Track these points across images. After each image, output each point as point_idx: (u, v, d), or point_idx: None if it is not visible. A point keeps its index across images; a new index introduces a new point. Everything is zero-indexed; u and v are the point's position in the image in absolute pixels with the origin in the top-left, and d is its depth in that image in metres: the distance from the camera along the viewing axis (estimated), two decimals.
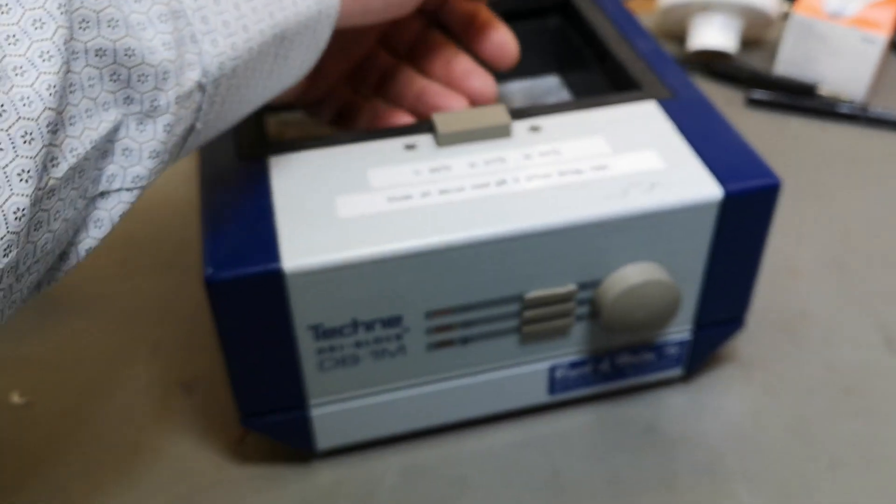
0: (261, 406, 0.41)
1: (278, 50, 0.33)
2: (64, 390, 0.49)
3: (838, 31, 0.68)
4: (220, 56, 0.30)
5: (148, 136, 0.29)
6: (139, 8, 0.27)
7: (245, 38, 0.31)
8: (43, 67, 0.25)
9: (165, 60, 0.28)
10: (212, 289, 0.36)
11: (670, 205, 0.39)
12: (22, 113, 0.24)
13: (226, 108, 0.32)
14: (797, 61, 0.71)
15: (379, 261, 0.37)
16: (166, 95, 0.28)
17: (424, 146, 0.42)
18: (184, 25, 0.29)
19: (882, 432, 0.46)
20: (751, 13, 0.72)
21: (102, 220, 0.29)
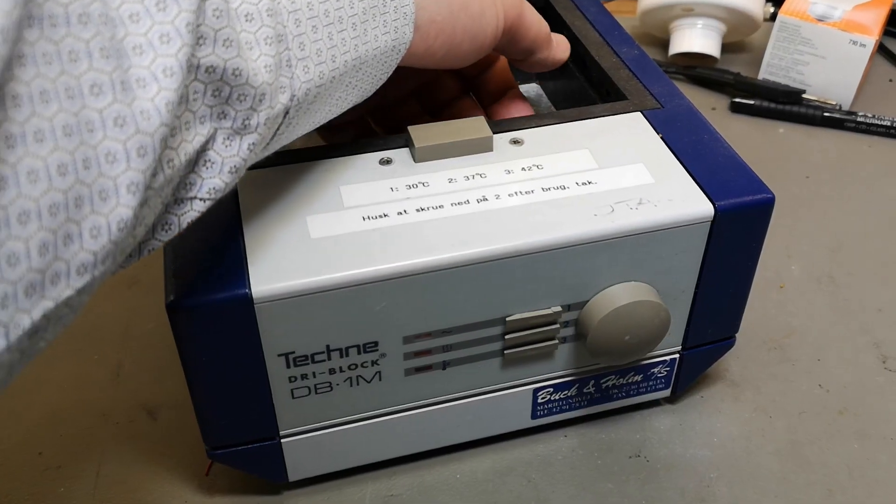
0: (228, 438, 0.39)
1: (351, 79, 0.34)
2: (20, 417, 0.46)
3: (826, 34, 0.66)
4: (309, 83, 0.31)
5: (232, 151, 0.29)
6: (249, 28, 0.28)
7: (332, 68, 0.32)
8: (164, 83, 0.25)
9: (265, 83, 0.28)
10: (175, 316, 0.34)
11: (659, 223, 0.38)
12: (141, 126, 0.25)
13: (291, 129, 0.32)
14: (783, 65, 0.69)
15: (353, 285, 0.35)
16: (258, 116, 0.29)
17: (401, 161, 0.40)
18: (284, 49, 0.29)
19: (879, 456, 0.45)
20: (735, 16, 0.70)
21: (171, 225, 0.29)
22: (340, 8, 0.32)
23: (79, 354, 0.50)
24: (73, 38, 0.23)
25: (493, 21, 0.39)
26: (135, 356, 0.49)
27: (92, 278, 0.24)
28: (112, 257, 0.25)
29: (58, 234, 0.23)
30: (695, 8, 0.70)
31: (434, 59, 0.38)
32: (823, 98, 0.68)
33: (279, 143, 0.32)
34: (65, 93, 0.23)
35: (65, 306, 0.24)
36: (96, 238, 0.24)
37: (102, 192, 0.24)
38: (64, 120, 0.23)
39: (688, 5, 0.70)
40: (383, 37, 0.34)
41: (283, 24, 0.29)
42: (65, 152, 0.23)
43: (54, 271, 0.23)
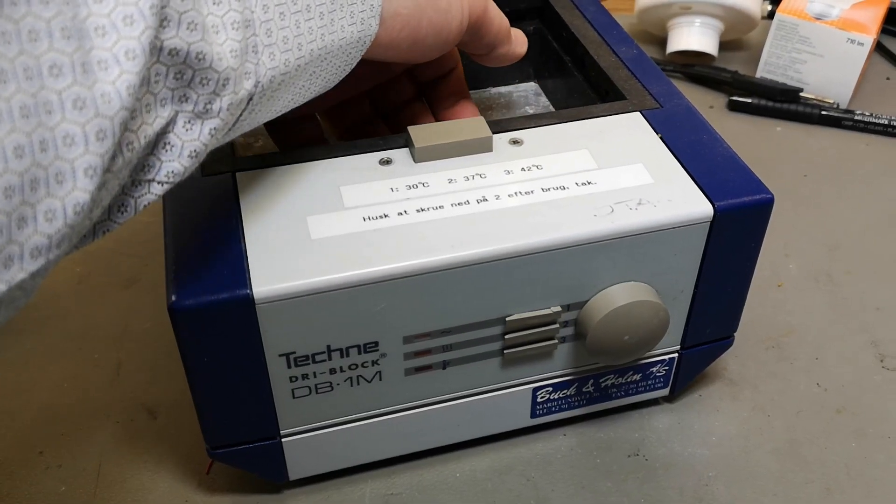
0: (230, 438, 0.39)
1: (316, 68, 0.34)
2: (20, 416, 0.46)
3: (824, 32, 0.66)
4: (274, 70, 0.31)
5: (193, 135, 0.29)
6: (217, 11, 0.28)
7: (297, 56, 0.32)
8: (126, 66, 0.25)
9: (229, 68, 0.28)
10: (176, 317, 0.34)
11: (658, 223, 0.38)
12: (101, 110, 0.24)
13: (253, 116, 0.32)
14: (781, 63, 0.69)
15: (354, 285, 0.35)
16: (220, 101, 0.29)
17: (401, 161, 0.40)
18: (250, 35, 0.29)
19: (876, 455, 0.45)
20: (733, 14, 0.71)
21: (127, 207, 0.29)
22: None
23: (78, 354, 0.50)
24: (34, 17, 0.23)
25: (459, 16, 0.39)
26: (133, 356, 0.49)
27: (46, 261, 0.24)
28: (68, 240, 0.25)
29: (12, 217, 0.22)
30: (693, 6, 0.70)
31: (397, 52, 0.38)
32: (821, 96, 0.69)
33: (241, 130, 0.32)
34: (23, 73, 0.22)
35: (18, 289, 0.23)
36: (51, 221, 0.24)
37: (59, 174, 0.23)
38: (21, 101, 0.22)
39: (686, 3, 0.70)
40: (349, 28, 0.34)
41: (251, 9, 0.29)
42: (21, 134, 0.22)
43: (7, 254, 0.23)
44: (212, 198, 0.38)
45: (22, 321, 0.51)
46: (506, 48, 0.43)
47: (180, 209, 0.37)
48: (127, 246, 0.57)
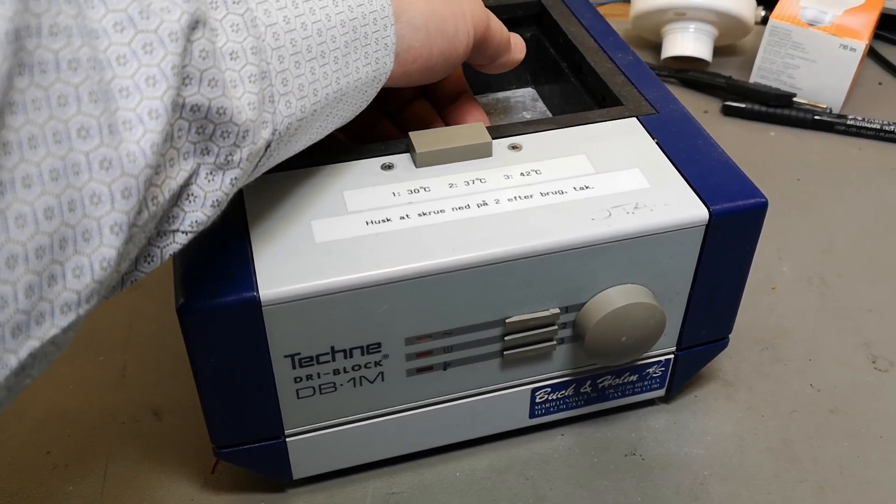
0: (235, 437, 0.40)
1: (332, 109, 0.35)
2: (27, 417, 0.47)
3: (817, 38, 0.67)
4: (291, 117, 0.31)
5: (215, 186, 0.30)
6: (234, 66, 0.29)
7: (313, 101, 0.33)
8: (150, 125, 0.26)
9: (248, 120, 0.29)
10: (185, 319, 0.34)
11: (655, 227, 0.38)
12: (126, 169, 0.25)
13: (272, 160, 0.33)
14: (774, 69, 0.70)
15: (357, 288, 0.36)
16: (241, 152, 0.29)
17: (402, 166, 0.41)
18: (267, 86, 0.30)
19: (868, 454, 0.46)
20: (727, 20, 0.72)
21: (154, 257, 0.30)
22: (323, 43, 0.33)
23: (84, 357, 0.50)
24: (63, 83, 0.23)
25: (465, 39, 0.40)
26: (138, 358, 0.50)
27: (77, 316, 0.25)
28: (97, 294, 0.25)
29: (42, 276, 0.23)
30: (687, 12, 0.71)
31: (409, 81, 0.39)
32: (814, 101, 0.69)
33: (260, 172, 0.33)
34: (52, 137, 0.23)
35: (50, 344, 0.24)
36: (79, 277, 0.24)
37: (86, 232, 0.24)
38: (51, 164, 0.23)
39: (680, 10, 0.71)
40: (364, 68, 0.35)
41: (266, 60, 0.30)
42: (51, 196, 0.23)
43: (39, 311, 0.23)
44: None
45: None
46: (506, 57, 0.44)
47: None
48: None
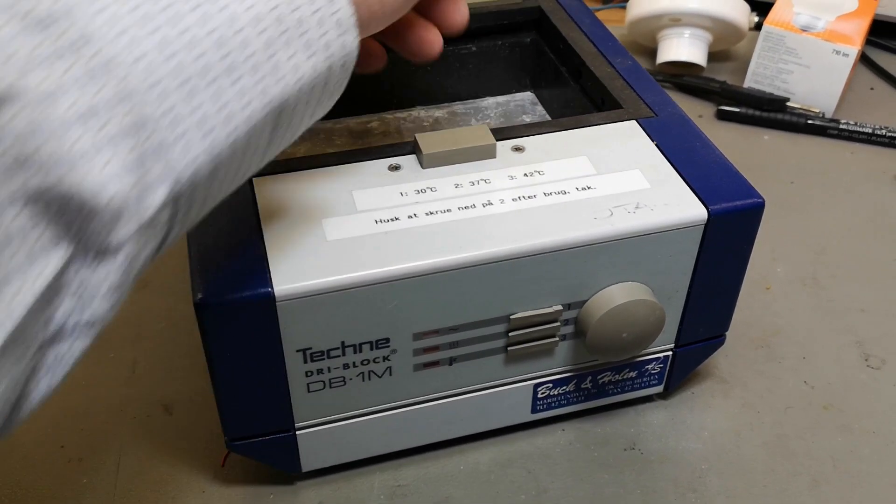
0: (248, 430, 0.41)
1: (277, 122, 0.29)
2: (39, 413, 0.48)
3: (810, 44, 0.69)
4: (196, 161, 0.26)
5: (101, 275, 0.25)
6: (86, 133, 0.23)
7: (228, 131, 0.26)
8: None
9: (118, 195, 0.24)
10: (202, 314, 0.36)
11: (656, 226, 0.40)
12: None
13: (209, 200, 0.28)
14: (768, 74, 0.72)
15: (369, 284, 0.37)
16: (119, 233, 0.24)
17: (409, 167, 0.42)
18: (146, 137, 0.24)
19: (862, 449, 0.47)
20: (721, 25, 0.73)
21: (56, 365, 0.26)
22: (228, 55, 0.26)
23: (94, 353, 0.51)
24: None
25: None
26: (148, 355, 0.51)
27: None
28: None
29: None
30: (682, 18, 0.72)
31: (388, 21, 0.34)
32: (807, 106, 0.71)
33: (204, 211, 0.29)
34: None
35: None
36: None
37: None
38: None
39: (676, 15, 0.72)
40: (308, 62, 0.28)
41: (140, 105, 0.24)
42: None
43: None
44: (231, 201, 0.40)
45: None
46: None
47: None
48: None
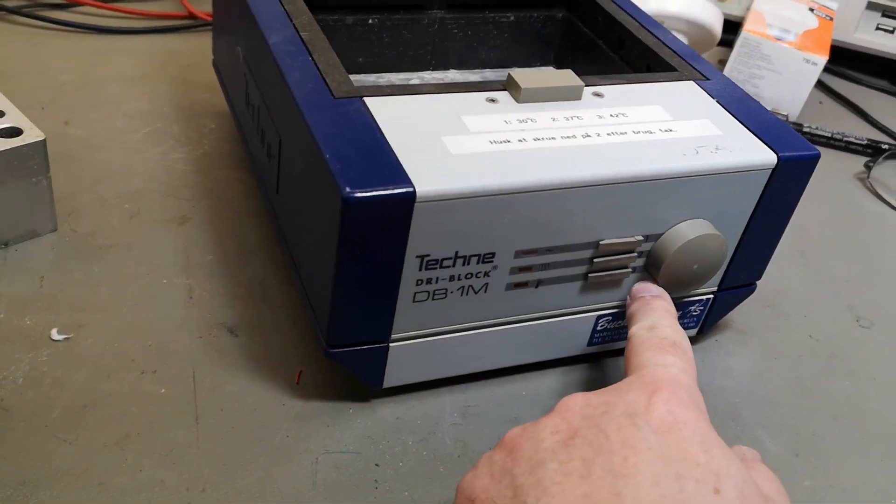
0: (350, 337, 0.42)
1: None
2: (102, 328, 0.48)
3: (783, 51, 0.76)
4: None
5: None
6: None
7: None
8: None
9: None
10: (348, 208, 0.37)
11: (734, 165, 0.44)
12: None
13: None
14: (741, 78, 0.78)
15: (494, 194, 0.39)
16: None
17: (505, 101, 0.45)
18: None
19: (867, 390, 0.53)
20: (697, 30, 0.79)
21: None
22: None
23: (147, 279, 0.51)
24: None
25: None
26: (202, 283, 0.52)
27: None
28: None
29: None
30: (664, 21, 0.78)
31: None
32: (775, 109, 0.78)
33: None
34: None
35: None
36: None
37: None
38: None
39: (658, 18, 0.78)
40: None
41: None
42: None
43: None
44: (351, 116, 0.42)
45: (84, 246, 0.53)
46: None
47: (324, 123, 0.41)
48: (172, 189, 0.59)
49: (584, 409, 0.35)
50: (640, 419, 0.34)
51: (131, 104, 0.69)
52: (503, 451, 0.36)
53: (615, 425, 0.34)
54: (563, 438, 0.34)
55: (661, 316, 0.43)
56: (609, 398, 0.36)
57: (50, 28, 0.78)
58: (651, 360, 0.39)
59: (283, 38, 0.48)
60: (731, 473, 0.32)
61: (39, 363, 0.45)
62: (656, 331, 0.42)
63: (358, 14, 0.58)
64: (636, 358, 0.40)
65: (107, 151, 0.62)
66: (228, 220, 0.57)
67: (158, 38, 0.80)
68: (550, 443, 0.34)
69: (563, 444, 0.34)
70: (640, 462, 0.32)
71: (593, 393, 0.37)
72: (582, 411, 0.35)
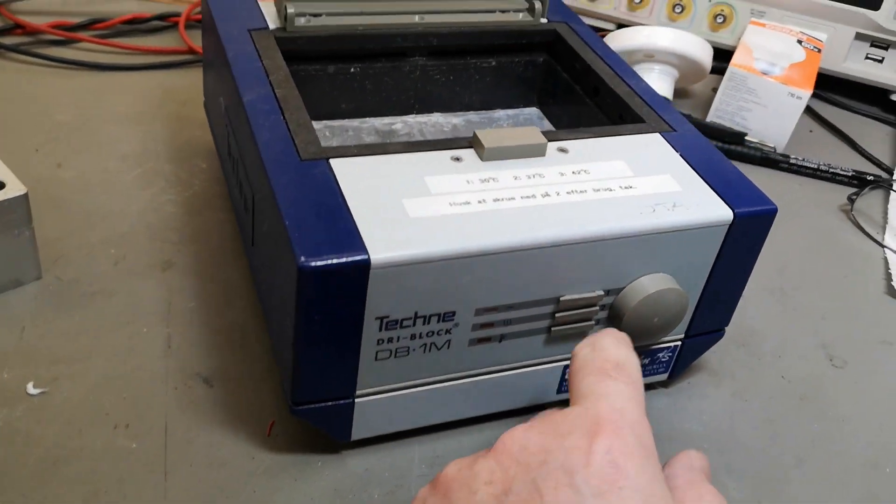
0: (314, 395, 0.44)
1: None
2: (81, 381, 0.49)
3: (769, 85, 0.76)
4: None
5: None
6: None
7: None
8: None
9: None
10: (304, 276, 0.38)
11: (691, 223, 0.45)
12: None
13: None
14: (729, 110, 0.79)
15: (451, 258, 0.40)
16: None
17: (469, 159, 0.46)
18: None
19: (835, 433, 0.53)
20: (687, 64, 0.80)
21: None
22: None
23: (128, 328, 0.53)
24: None
25: None
26: (182, 331, 0.53)
27: None
28: None
29: None
30: (655, 55, 0.79)
31: None
32: (762, 141, 0.78)
33: None
34: None
35: None
36: None
37: None
38: None
39: (649, 52, 0.79)
40: None
41: None
42: None
43: None
44: (315, 179, 0.43)
45: (68, 294, 0.54)
46: None
47: (288, 186, 0.42)
48: (158, 233, 0.60)
49: (520, 453, 0.34)
50: (579, 477, 0.32)
51: (125, 144, 0.70)
52: (436, 495, 0.35)
53: (552, 482, 0.32)
54: (495, 493, 0.33)
55: (604, 332, 0.40)
56: (548, 442, 0.34)
57: (49, 66, 0.80)
58: (593, 388, 0.36)
59: (258, 96, 0.49)
60: None
61: (14, 419, 0.46)
62: (598, 351, 0.38)
63: (339, 63, 0.59)
64: (578, 383, 0.37)
65: (97, 195, 0.64)
66: (213, 264, 0.58)
67: (157, 73, 0.82)
68: (483, 496, 0.33)
69: (496, 500, 0.33)
70: None
71: (533, 429, 0.35)
72: (518, 456, 0.34)
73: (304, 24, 0.57)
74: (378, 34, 0.58)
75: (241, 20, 0.57)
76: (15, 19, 0.83)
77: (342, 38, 0.57)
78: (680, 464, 0.40)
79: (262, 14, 0.58)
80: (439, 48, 0.61)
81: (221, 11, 0.58)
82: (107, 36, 0.86)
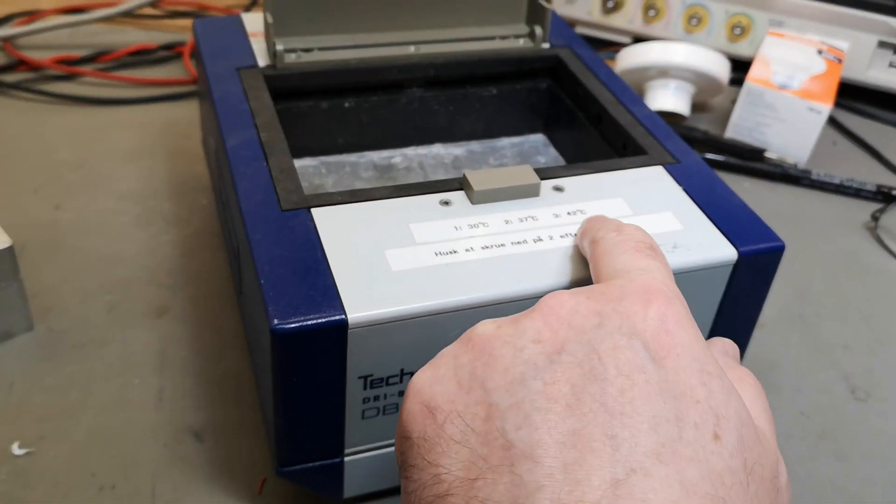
0: (300, 457, 0.42)
1: None
2: (68, 438, 0.48)
3: (787, 100, 0.73)
4: None
5: None
6: None
7: None
8: None
9: None
10: (277, 339, 0.37)
11: (692, 265, 0.42)
12: None
13: None
14: (747, 126, 0.76)
15: (436, 314, 0.38)
16: None
17: (459, 202, 0.44)
18: None
19: (858, 473, 0.50)
20: (704, 79, 0.77)
21: None
22: None
23: (119, 380, 0.52)
24: None
25: None
26: (174, 382, 0.52)
27: None
28: None
29: None
30: (670, 71, 0.76)
31: None
32: (782, 157, 0.75)
33: None
34: None
35: None
36: None
37: None
38: None
39: (664, 68, 0.76)
40: None
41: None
42: None
43: None
44: (293, 231, 0.41)
45: (59, 346, 0.53)
46: None
47: (265, 240, 0.41)
48: (155, 276, 0.59)
49: (571, 315, 0.31)
50: (638, 340, 0.30)
51: (125, 182, 0.69)
52: (472, 352, 0.31)
53: (609, 344, 0.29)
54: (547, 350, 0.30)
55: (622, 223, 0.38)
56: (600, 306, 0.31)
57: (51, 102, 0.79)
58: (632, 264, 0.34)
59: (240, 142, 0.47)
60: (729, 414, 0.29)
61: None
62: (628, 234, 0.36)
63: (333, 99, 0.57)
64: (611, 263, 0.35)
65: (94, 237, 0.63)
66: (208, 309, 0.57)
67: (160, 106, 0.81)
68: (532, 354, 0.30)
69: (548, 359, 0.29)
70: (637, 398, 0.28)
71: (582, 294, 0.32)
72: (570, 318, 0.31)
73: (294, 61, 0.55)
74: (372, 67, 0.56)
75: (231, 59, 0.55)
76: (18, 55, 0.83)
77: (335, 73, 0.56)
78: (715, 348, 0.39)
79: (252, 51, 0.56)
80: (437, 78, 0.59)
81: (210, 48, 0.57)
82: (112, 68, 0.85)
